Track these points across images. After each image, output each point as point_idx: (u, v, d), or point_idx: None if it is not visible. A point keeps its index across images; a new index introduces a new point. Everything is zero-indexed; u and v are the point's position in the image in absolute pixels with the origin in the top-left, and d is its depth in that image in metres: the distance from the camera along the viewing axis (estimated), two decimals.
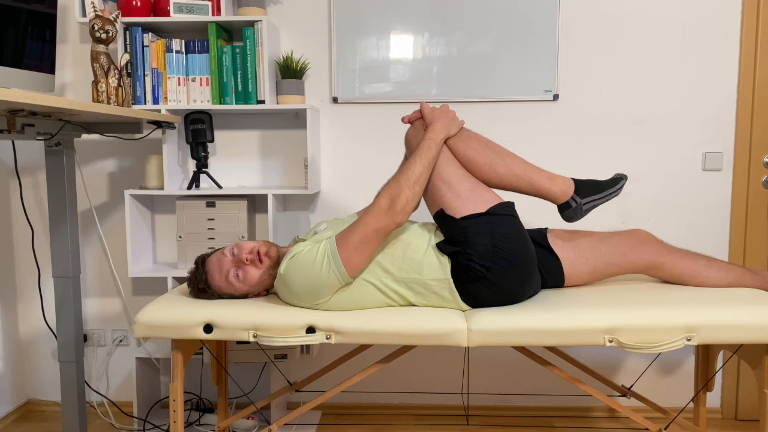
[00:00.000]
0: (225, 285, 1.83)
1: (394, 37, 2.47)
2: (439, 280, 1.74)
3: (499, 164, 1.84)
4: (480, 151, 1.84)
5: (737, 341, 1.66)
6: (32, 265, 2.65)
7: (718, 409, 2.60)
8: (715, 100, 2.46)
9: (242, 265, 1.82)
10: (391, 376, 2.65)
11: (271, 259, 1.84)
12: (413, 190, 1.70)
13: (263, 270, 1.83)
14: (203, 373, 2.67)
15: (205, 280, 1.85)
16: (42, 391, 2.72)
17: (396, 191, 1.69)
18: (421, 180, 1.72)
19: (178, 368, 1.79)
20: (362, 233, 1.67)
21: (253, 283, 1.83)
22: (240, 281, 1.82)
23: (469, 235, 1.72)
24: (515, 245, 1.73)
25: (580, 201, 1.87)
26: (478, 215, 1.74)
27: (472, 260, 1.70)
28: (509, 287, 1.74)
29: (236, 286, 1.82)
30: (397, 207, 1.66)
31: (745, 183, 2.47)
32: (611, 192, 1.87)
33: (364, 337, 1.70)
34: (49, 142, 2.11)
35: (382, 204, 1.68)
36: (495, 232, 1.73)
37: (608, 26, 2.45)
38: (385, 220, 1.67)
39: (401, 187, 1.69)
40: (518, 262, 1.73)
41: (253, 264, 1.82)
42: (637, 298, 1.81)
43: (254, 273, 1.82)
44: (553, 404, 2.63)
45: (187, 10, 2.30)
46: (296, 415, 1.88)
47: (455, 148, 1.83)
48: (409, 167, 1.72)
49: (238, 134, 2.58)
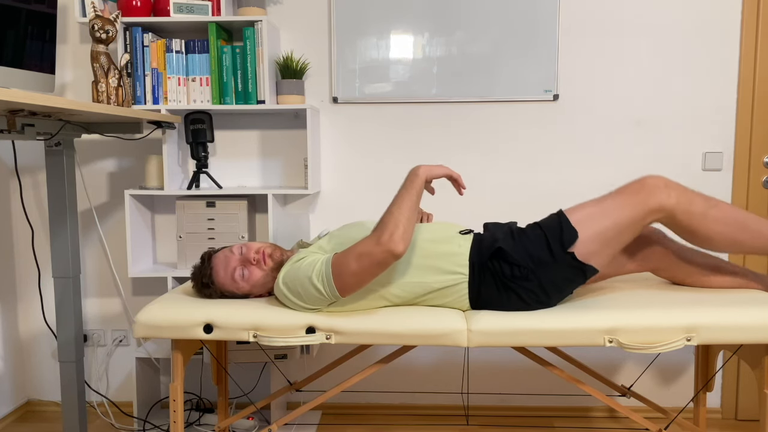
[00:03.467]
0: (229, 282, 1.83)
1: (394, 37, 2.47)
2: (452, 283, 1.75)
3: (722, 220, 1.77)
4: (703, 208, 1.76)
5: (737, 341, 1.66)
6: (32, 265, 2.65)
7: (718, 409, 2.60)
8: (715, 100, 2.46)
9: (248, 265, 1.83)
10: (391, 376, 2.65)
11: (275, 261, 1.84)
12: (404, 223, 1.62)
13: (266, 272, 1.83)
14: (203, 373, 2.67)
15: (210, 276, 1.85)
16: (42, 391, 2.72)
17: (388, 224, 1.62)
18: (412, 213, 1.65)
19: (178, 368, 1.79)
20: (360, 262, 1.63)
21: (256, 283, 1.83)
22: (244, 280, 1.82)
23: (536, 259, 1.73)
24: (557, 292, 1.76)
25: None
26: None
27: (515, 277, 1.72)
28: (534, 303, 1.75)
29: (240, 284, 1.83)
30: (393, 237, 1.60)
31: (745, 183, 2.47)
32: None
33: (364, 338, 1.70)
34: (49, 142, 2.11)
35: (378, 236, 1.62)
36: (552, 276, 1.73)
37: (608, 26, 2.45)
38: (379, 251, 1.61)
39: (391, 220, 1.62)
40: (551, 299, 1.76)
41: (258, 265, 1.83)
42: (636, 299, 1.81)
43: (258, 273, 1.83)
44: (553, 404, 2.63)
45: (187, 10, 2.30)
46: (296, 415, 1.88)
47: (699, 224, 1.76)
48: (400, 203, 1.66)
49: (238, 134, 2.58)
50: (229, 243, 2.38)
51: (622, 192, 1.75)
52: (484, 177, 2.53)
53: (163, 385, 2.67)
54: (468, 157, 2.52)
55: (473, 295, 1.76)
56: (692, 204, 1.72)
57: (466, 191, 2.53)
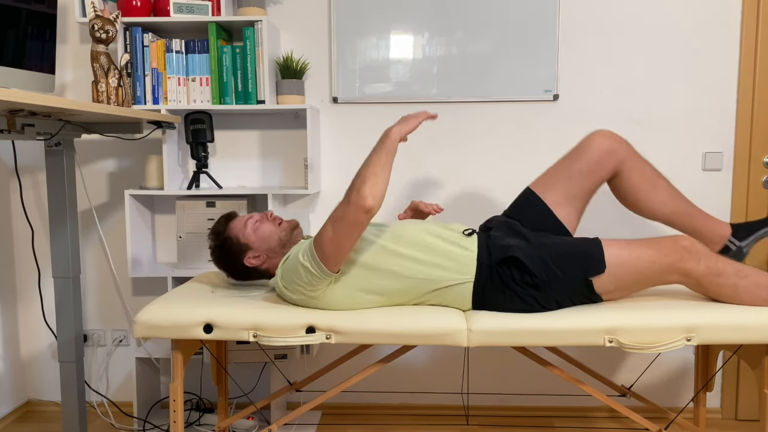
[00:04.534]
0: (240, 226, 1.90)
1: (394, 37, 2.47)
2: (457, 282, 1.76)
3: (666, 191, 1.89)
4: (650, 179, 1.89)
5: (737, 341, 1.66)
6: (32, 265, 2.65)
7: (718, 409, 2.60)
8: (715, 100, 2.46)
9: (264, 220, 1.90)
10: (391, 376, 2.65)
11: (291, 225, 1.92)
12: (375, 176, 1.62)
13: (277, 231, 1.89)
14: (203, 373, 2.67)
15: (225, 222, 1.93)
16: (42, 391, 2.72)
17: (359, 181, 1.63)
18: (385, 169, 1.64)
19: (178, 368, 1.79)
20: (334, 227, 1.64)
21: (262, 236, 1.88)
22: (253, 229, 1.88)
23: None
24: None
25: (739, 244, 1.89)
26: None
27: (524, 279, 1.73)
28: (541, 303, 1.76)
29: (248, 231, 1.89)
30: (362, 193, 1.60)
31: (745, 183, 2.47)
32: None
33: (364, 337, 1.70)
34: (49, 142, 2.11)
35: (348, 196, 1.63)
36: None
37: (608, 26, 2.45)
38: (352, 209, 1.61)
39: (363, 175, 1.63)
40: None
41: (273, 221, 1.90)
42: (637, 299, 1.81)
43: (268, 229, 1.89)
44: (553, 404, 2.63)
45: (187, 10, 2.30)
46: (296, 415, 1.88)
47: (623, 167, 1.88)
48: (371, 160, 1.66)
49: (238, 134, 2.58)
50: None
51: (656, 247, 1.74)
52: (485, 177, 2.53)
53: (163, 385, 2.67)
54: (468, 156, 2.52)
55: (476, 296, 1.76)
56: (720, 276, 1.72)
57: (466, 191, 2.53)
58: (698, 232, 1.91)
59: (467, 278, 1.75)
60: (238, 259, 1.90)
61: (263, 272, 1.93)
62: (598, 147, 1.88)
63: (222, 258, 1.93)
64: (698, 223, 1.91)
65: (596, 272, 1.72)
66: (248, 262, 1.89)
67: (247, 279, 1.97)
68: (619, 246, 1.76)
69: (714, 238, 1.90)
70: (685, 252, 1.71)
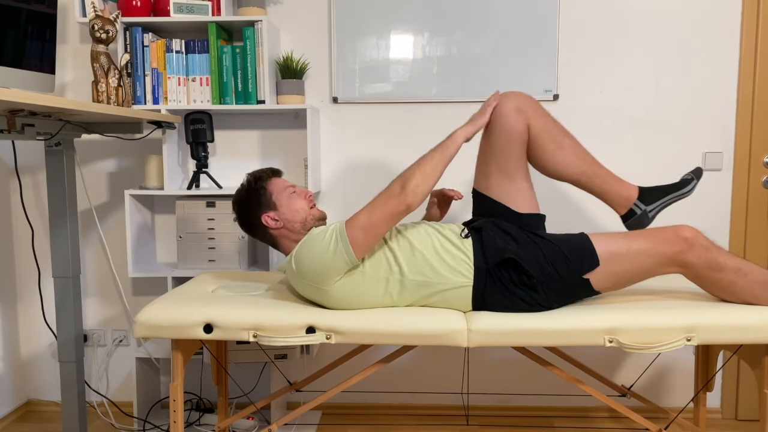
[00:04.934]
0: (281, 186, 1.89)
1: (394, 37, 2.47)
2: (458, 285, 1.75)
3: (572, 152, 1.85)
4: (557, 138, 1.85)
5: (737, 341, 1.66)
6: (32, 265, 2.65)
7: (718, 409, 2.60)
8: (715, 100, 2.46)
9: (303, 196, 1.89)
10: (391, 376, 2.65)
11: (320, 213, 1.91)
12: (424, 175, 1.69)
13: (307, 212, 1.87)
14: (203, 373, 2.67)
15: (270, 174, 1.92)
16: (42, 391, 2.72)
17: (408, 175, 1.69)
18: (436, 170, 1.71)
19: (178, 368, 1.79)
20: (371, 214, 1.68)
21: (293, 206, 1.87)
22: (288, 195, 1.87)
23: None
24: None
25: (644, 208, 1.86)
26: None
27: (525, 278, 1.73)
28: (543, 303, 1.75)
29: (285, 193, 1.87)
30: (407, 189, 1.66)
31: (745, 183, 2.47)
32: (677, 195, 1.86)
33: (364, 337, 1.70)
34: (49, 142, 2.11)
35: (394, 187, 1.69)
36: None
37: (608, 26, 2.45)
38: (394, 202, 1.67)
39: (413, 171, 1.70)
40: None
41: (309, 202, 1.89)
42: (637, 299, 1.81)
43: (301, 204, 1.87)
44: (553, 404, 2.62)
45: (187, 10, 2.30)
46: (296, 415, 1.88)
47: (531, 126, 1.84)
48: (426, 158, 1.73)
49: (238, 134, 2.58)
50: (229, 242, 2.38)
51: (655, 238, 1.72)
52: None
53: (163, 385, 2.67)
54: (468, 156, 2.52)
55: (476, 299, 1.75)
56: (720, 272, 1.70)
57: (466, 191, 2.53)
58: (606, 194, 1.88)
59: (466, 282, 1.74)
60: (257, 211, 1.87)
61: (269, 238, 1.90)
62: (506, 111, 1.83)
63: (244, 201, 1.90)
64: (606, 186, 1.88)
65: (590, 268, 1.72)
66: (265, 219, 1.86)
67: (251, 232, 1.94)
68: (615, 239, 1.74)
69: (620, 200, 1.88)
70: (685, 244, 1.69)
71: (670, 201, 1.88)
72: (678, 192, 1.88)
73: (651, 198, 1.87)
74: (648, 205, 1.87)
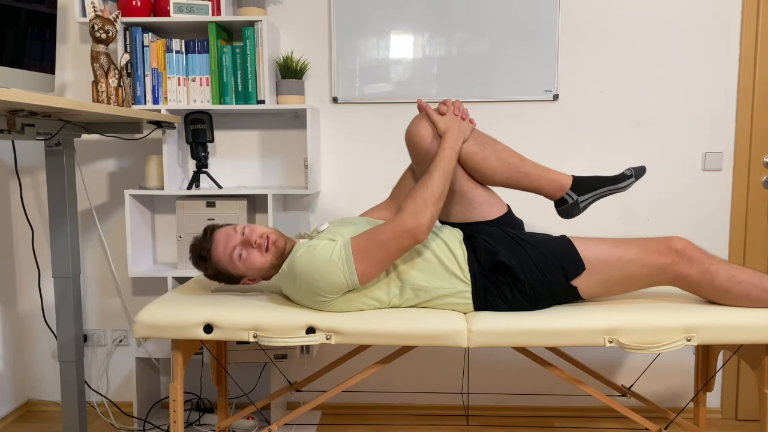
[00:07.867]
0: (226, 260, 1.79)
1: (394, 37, 2.47)
2: (456, 291, 1.75)
3: (495, 158, 1.81)
4: (478, 148, 1.81)
5: (737, 341, 1.66)
6: (32, 265, 2.65)
7: (718, 409, 2.60)
8: (715, 100, 2.46)
9: (248, 247, 1.77)
10: (391, 376, 2.65)
11: (278, 249, 1.79)
12: (437, 207, 1.66)
13: (267, 258, 1.78)
14: (203, 373, 2.67)
15: (209, 250, 1.80)
16: (42, 391, 2.72)
17: (421, 207, 1.64)
18: (444, 194, 1.69)
19: (178, 368, 1.79)
20: (382, 249, 1.65)
21: (253, 267, 1.79)
22: (241, 261, 1.77)
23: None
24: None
25: (576, 198, 1.85)
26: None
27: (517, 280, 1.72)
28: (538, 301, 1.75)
29: (237, 265, 1.78)
30: (422, 226, 1.63)
31: (745, 183, 2.47)
32: (612, 188, 1.84)
33: (364, 338, 1.70)
34: (49, 142, 2.11)
35: (407, 223, 1.63)
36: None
37: (608, 26, 2.45)
38: (408, 239, 1.63)
39: (426, 203, 1.64)
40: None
41: (260, 249, 1.78)
42: (637, 299, 1.81)
43: (257, 258, 1.78)
44: (553, 404, 2.62)
45: (187, 10, 2.30)
46: (296, 415, 1.88)
47: None
48: (432, 181, 1.67)
49: (238, 134, 2.58)
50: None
51: (644, 248, 1.71)
52: None
53: (163, 385, 2.67)
54: None
55: (478, 303, 1.76)
56: (713, 281, 1.69)
57: None
58: (539, 191, 1.86)
59: (465, 287, 1.74)
60: (234, 283, 1.87)
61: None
62: (413, 141, 1.81)
63: (222, 281, 1.87)
64: (536, 183, 1.85)
65: (575, 272, 1.71)
66: (245, 283, 1.85)
67: None
68: (605, 245, 1.73)
69: (554, 191, 1.85)
70: (676, 256, 1.68)
71: (603, 194, 1.85)
72: (612, 186, 1.84)
73: (584, 188, 1.85)
74: (580, 195, 1.85)
